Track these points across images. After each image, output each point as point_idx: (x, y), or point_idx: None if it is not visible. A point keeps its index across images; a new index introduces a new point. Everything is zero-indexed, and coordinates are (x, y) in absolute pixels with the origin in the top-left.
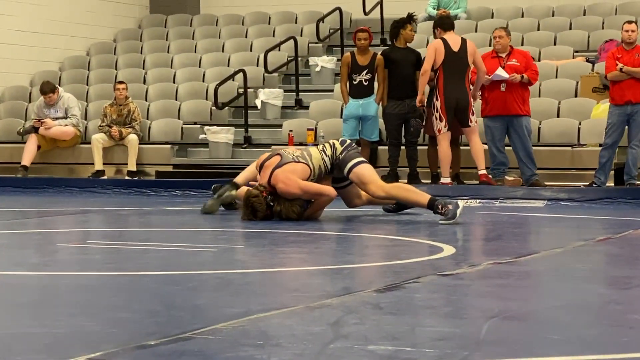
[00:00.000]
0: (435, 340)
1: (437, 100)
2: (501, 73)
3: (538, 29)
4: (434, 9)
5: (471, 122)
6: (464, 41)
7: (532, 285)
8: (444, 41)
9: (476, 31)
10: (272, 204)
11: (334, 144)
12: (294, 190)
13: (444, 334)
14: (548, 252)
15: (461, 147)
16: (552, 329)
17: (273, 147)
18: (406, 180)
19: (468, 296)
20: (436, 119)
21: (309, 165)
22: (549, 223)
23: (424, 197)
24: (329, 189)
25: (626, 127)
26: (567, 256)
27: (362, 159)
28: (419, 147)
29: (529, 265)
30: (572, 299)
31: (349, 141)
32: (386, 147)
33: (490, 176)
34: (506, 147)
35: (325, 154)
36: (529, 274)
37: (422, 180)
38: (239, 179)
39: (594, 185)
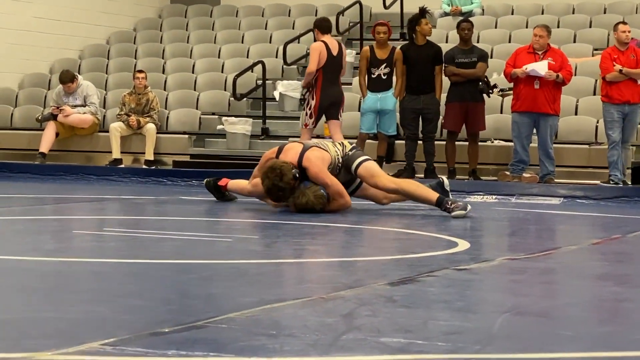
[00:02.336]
0: (447, 334)
1: (313, 99)
2: (538, 69)
3: (558, 26)
4: (448, 5)
5: (340, 116)
6: (340, 45)
7: (546, 281)
8: (325, 44)
9: (496, 27)
10: (297, 176)
11: (343, 142)
12: (324, 175)
13: (456, 327)
14: (563, 249)
15: (480, 144)
16: (565, 325)
17: (290, 139)
18: (423, 175)
19: (482, 291)
20: (306, 115)
21: (330, 154)
22: (565, 220)
23: (432, 194)
24: (349, 198)
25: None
26: (582, 254)
27: (368, 157)
28: (436, 142)
29: (543, 262)
30: (585, 296)
31: (354, 143)
32: (403, 142)
33: None
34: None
35: (337, 149)
36: (543, 270)
37: (439, 176)
38: (230, 183)
39: (611, 182)
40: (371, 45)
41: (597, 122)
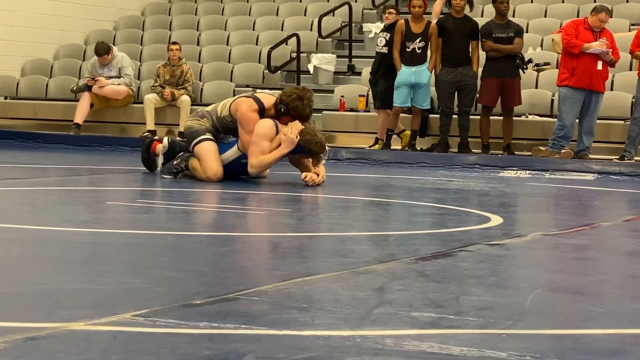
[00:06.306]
0: (479, 309)
1: None
2: (603, 48)
3: (595, 1)
4: None
5: None
6: None
7: (578, 257)
8: None
9: (532, 2)
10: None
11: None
12: None
13: (488, 303)
14: (596, 225)
15: (514, 119)
16: (597, 302)
17: (324, 112)
18: (457, 150)
19: (514, 266)
20: None
21: None
22: (599, 196)
23: None
24: None
25: None
26: (616, 230)
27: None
28: (470, 117)
29: (576, 238)
30: (618, 273)
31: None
32: (437, 116)
33: None
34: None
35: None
36: (577, 246)
37: (473, 150)
38: None
39: (625, 159)
40: (406, 19)
41: (633, 98)
